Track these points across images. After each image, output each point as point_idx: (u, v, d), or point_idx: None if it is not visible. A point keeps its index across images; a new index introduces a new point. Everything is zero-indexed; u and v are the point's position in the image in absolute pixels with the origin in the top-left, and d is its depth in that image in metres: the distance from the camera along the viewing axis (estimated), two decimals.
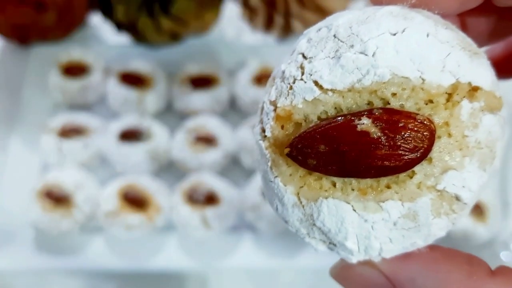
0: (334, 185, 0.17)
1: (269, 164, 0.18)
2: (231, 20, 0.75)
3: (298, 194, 0.18)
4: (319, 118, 0.17)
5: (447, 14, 0.20)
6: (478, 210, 0.60)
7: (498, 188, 0.63)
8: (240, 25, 0.75)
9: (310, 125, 0.17)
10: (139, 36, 0.70)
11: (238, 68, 0.68)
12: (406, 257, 0.20)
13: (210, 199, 0.57)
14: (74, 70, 0.67)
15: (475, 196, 0.18)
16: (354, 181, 0.17)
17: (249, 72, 0.66)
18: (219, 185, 0.58)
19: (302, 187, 0.18)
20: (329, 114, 0.17)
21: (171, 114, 0.68)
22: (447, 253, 0.21)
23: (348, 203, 0.17)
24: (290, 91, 0.18)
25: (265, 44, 0.74)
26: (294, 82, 0.18)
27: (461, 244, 0.59)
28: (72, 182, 0.58)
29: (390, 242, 0.18)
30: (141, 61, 0.68)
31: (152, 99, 0.65)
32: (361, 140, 0.15)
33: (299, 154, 0.17)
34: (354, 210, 0.17)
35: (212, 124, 0.63)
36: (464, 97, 0.17)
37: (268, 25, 0.70)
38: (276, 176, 0.18)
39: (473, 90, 0.17)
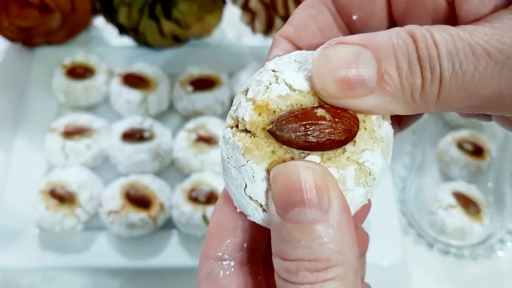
0: (293, 158, 0.23)
1: (242, 151, 0.23)
2: (231, 23, 0.76)
3: (267, 170, 0.23)
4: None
5: None
6: (474, 209, 0.60)
7: (493, 187, 0.64)
8: (240, 27, 0.76)
9: (282, 113, 0.23)
10: (141, 39, 0.71)
11: (238, 69, 0.69)
12: None
13: (211, 198, 0.58)
14: (78, 72, 0.68)
15: (380, 176, 0.24)
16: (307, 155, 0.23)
17: (250, 73, 0.67)
18: (220, 185, 0.59)
19: (271, 163, 0.23)
20: (294, 107, 0.23)
21: (173, 115, 0.70)
22: None
23: None
24: (267, 90, 0.24)
25: (265, 46, 0.74)
26: (270, 84, 0.24)
27: (458, 242, 0.60)
28: (76, 182, 0.59)
29: None
30: (143, 63, 0.69)
31: (155, 100, 0.67)
32: (319, 122, 0.22)
33: (277, 130, 0.23)
34: None
35: (213, 124, 0.64)
36: None
37: (268, 27, 0.71)
38: (248, 160, 0.23)
39: None
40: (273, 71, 0.24)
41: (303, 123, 0.22)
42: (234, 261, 0.27)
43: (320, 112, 0.22)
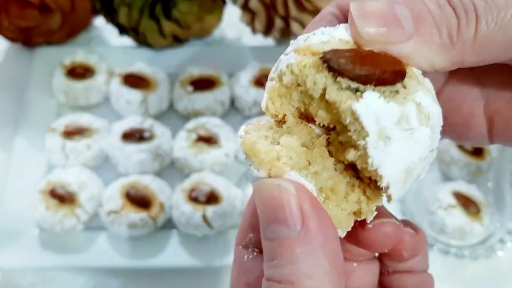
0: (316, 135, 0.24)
1: (244, 156, 0.23)
2: (231, 23, 0.76)
3: (269, 174, 0.22)
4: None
5: None
6: (474, 209, 0.60)
7: (493, 187, 0.64)
8: (240, 27, 0.76)
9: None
10: (141, 39, 0.71)
11: (238, 69, 0.69)
12: None
13: (211, 198, 0.58)
14: (78, 72, 0.68)
15: (437, 123, 0.23)
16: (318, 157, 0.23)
17: (250, 73, 0.67)
18: (220, 185, 0.59)
19: (270, 169, 0.22)
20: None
21: (173, 115, 0.69)
22: None
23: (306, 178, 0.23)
24: (307, 39, 0.23)
25: (265, 46, 0.75)
26: (308, 37, 0.24)
27: (458, 242, 0.60)
28: (76, 182, 0.59)
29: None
30: (143, 63, 0.69)
31: (155, 100, 0.67)
32: (372, 54, 0.22)
33: (332, 57, 0.22)
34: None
35: (213, 124, 0.64)
36: None
37: (268, 27, 0.71)
38: (250, 165, 0.23)
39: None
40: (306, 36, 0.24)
41: (356, 54, 0.22)
42: (256, 248, 0.28)
43: (369, 50, 0.23)
